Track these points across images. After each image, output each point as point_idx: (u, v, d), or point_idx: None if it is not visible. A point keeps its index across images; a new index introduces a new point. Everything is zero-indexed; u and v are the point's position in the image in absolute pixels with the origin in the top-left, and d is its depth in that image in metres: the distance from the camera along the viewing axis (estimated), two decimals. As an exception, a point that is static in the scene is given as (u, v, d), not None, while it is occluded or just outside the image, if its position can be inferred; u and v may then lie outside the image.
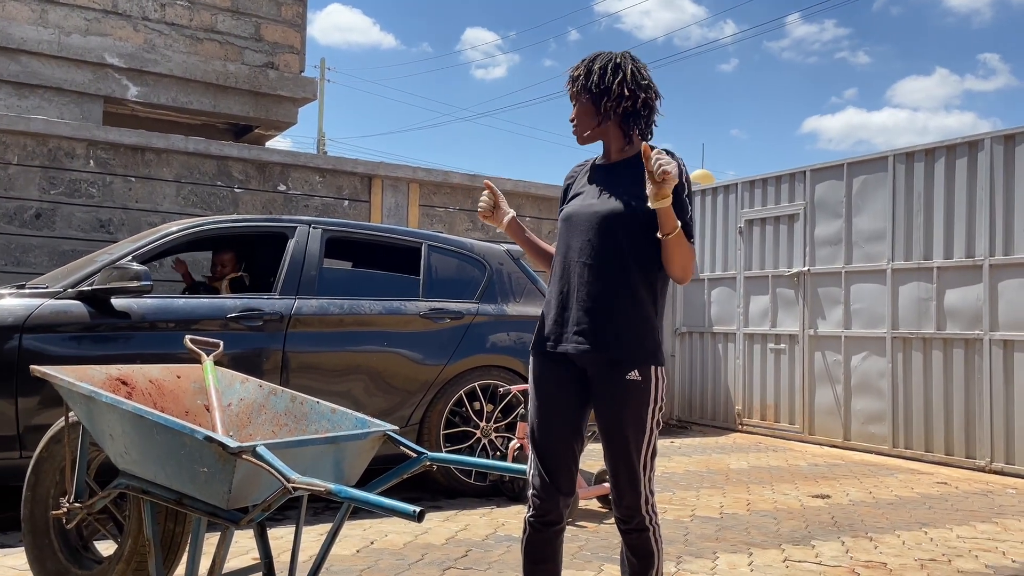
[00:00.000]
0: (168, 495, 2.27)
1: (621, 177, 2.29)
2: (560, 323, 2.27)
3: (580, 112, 2.31)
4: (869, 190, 6.95)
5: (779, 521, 4.41)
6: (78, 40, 8.10)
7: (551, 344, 2.28)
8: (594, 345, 2.20)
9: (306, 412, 2.70)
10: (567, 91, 2.36)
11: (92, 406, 2.37)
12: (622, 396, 2.19)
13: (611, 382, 2.21)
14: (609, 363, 2.21)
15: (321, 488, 1.87)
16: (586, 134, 2.33)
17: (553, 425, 2.27)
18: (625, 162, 2.32)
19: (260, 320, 4.28)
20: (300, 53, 9.45)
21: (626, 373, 2.19)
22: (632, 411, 2.19)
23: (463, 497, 4.70)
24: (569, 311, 2.25)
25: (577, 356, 2.24)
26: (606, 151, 2.37)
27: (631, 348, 2.20)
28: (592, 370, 2.25)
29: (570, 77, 2.33)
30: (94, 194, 6.27)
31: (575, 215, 2.30)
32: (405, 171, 7.69)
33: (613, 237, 2.22)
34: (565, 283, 2.27)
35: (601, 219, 2.24)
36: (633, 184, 2.25)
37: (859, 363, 6.98)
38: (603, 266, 2.22)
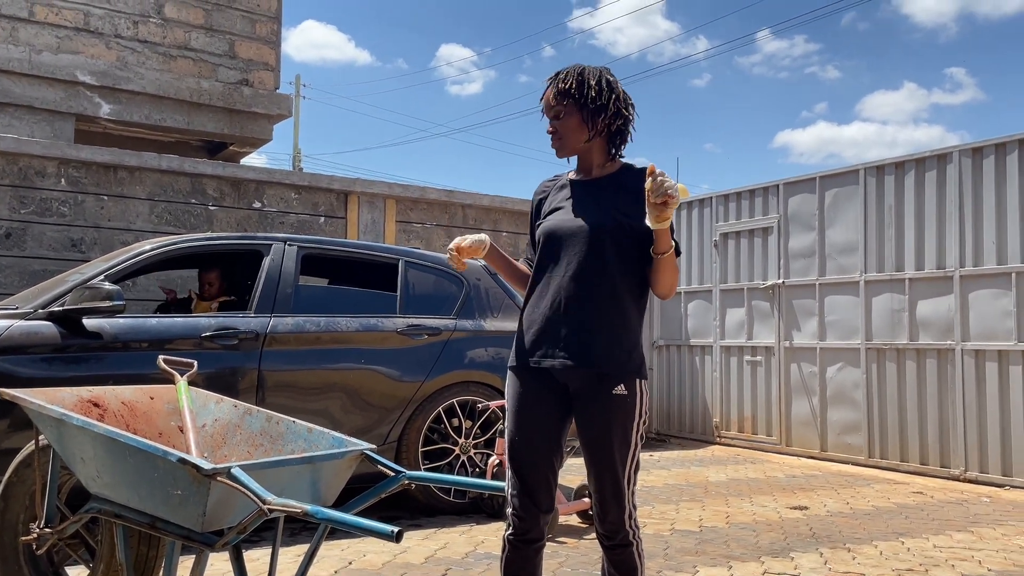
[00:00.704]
0: (141, 519, 2.23)
1: (604, 192, 2.29)
2: (545, 338, 2.24)
3: (568, 126, 2.27)
4: (841, 203, 7.04)
5: (758, 533, 4.42)
6: (49, 58, 8.02)
7: (535, 360, 2.25)
8: (582, 360, 2.20)
9: (282, 432, 2.68)
10: (550, 102, 2.29)
11: (63, 429, 2.33)
12: (609, 411, 2.18)
13: (597, 397, 2.20)
14: (595, 378, 2.20)
15: (297, 509, 1.85)
16: (572, 148, 2.30)
17: (533, 441, 2.26)
18: (608, 178, 2.32)
19: (235, 339, 4.24)
20: (275, 70, 9.42)
21: (613, 388, 2.18)
22: (618, 426, 2.19)
23: (442, 515, 4.67)
24: (556, 326, 2.23)
25: (562, 372, 2.23)
26: (586, 166, 2.35)
27: (619, 363, 2.20)
28: (576, 385, 2.24)
29: (558, 90, 2.27)
30: (65, 213, 6.19)
31: (558, 230, 2.27)
32: (381, 187, 7.68)
33: (601, 252, 2.22)
34: (550, 298, 2.25)
35: (588, 234, 2.23)
36: (617, 200, 2.26)
37: (834, 374, 7.04)
38: (591, 281, 2.22)
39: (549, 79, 2.34)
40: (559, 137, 2.30)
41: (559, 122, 2.29)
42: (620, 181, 2.30)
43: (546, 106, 2.32)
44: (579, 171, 2.39)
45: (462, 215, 8.15)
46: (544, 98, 2.33)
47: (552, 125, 2.30)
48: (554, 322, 2.23)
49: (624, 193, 2.27)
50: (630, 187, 2.27)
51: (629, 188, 2.27)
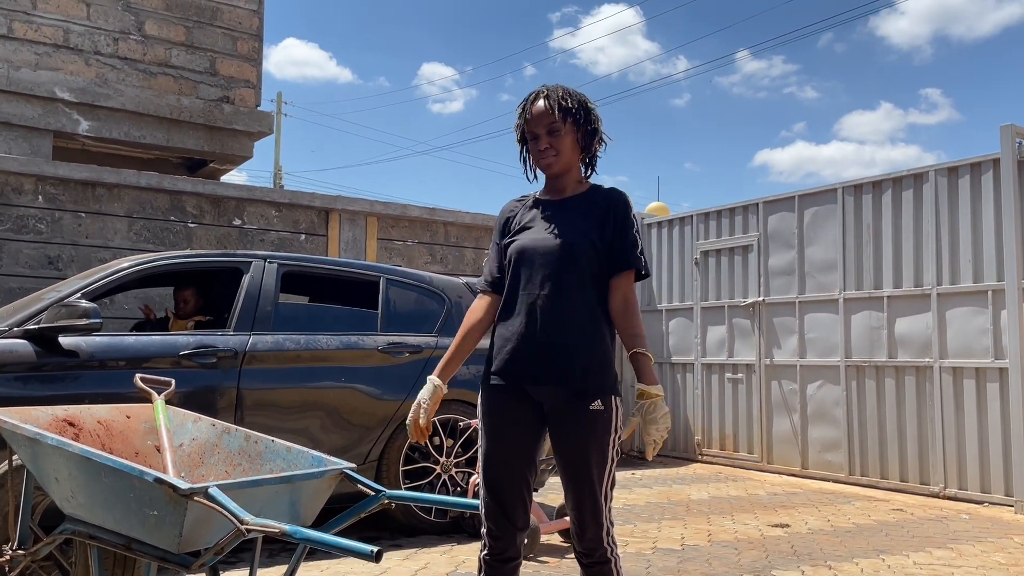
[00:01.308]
0: (116, 540, 2.20)
1: (576, 212, 2.31)
2: (521, 357, 2.24)
3: (566, 144, 2.28)
4: (820, 221, 7.11)
5: (740, 552, 4.41)
6: (28, 74, 7.96)
7: (510, 378, 2.26)
8: (559, 378, 2.20)
9: (260, 451, 2.65)
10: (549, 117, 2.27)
11: (37, 449, 2.29)
12: (586, 428, 2.19)
13: (574, 414, 2.20)
14: (572, 395, 2.20)
15: (276, 529, 1.82)
16: (565, 166, 2.31)
17: (508, 459, 2.25)
18: (578, 197, 2.34)
19: (214, 357, 4.20)
20: (256, 87, 9.41)
21: (589, 404, 2.19)
22: (596, 442, 2.19)
23: (423, 535, 4.63)
24: (531, 344, 2.23)
25: (538, 390, 2.23)
26: (560, 186, 2.36)
27: (595, 379, 2.21)
28: (552, 403, 2.24)
29: (561, 107, 2.27)
30: (42, 230, 6.13)
31: (531, 248, 2.28)
32: (363, 204, 7.67)
33: (574, 270, 2.23)
34: (524, 316, 2.25)
35: (562, 252, 2.24)
36: (589, 219, 2.28)
37: (815, 391, 7.08)
38: (565, 299, 2.23)
39: (538, 94, 2.32)
40: (556, 153, 2.29)
41: (555, 138, 2.28)
42: (591, 200, 2.33)
43: (538, 120, 2.29)
44: (549, 191, 2.39)
45: (443, 233, 8.14)
46: (534, 112, 2.30)
47: (547, 140, 2.28)
48: (529, 340, 2.24)
49: (594, 211, 2.30)
50: (599, 204, 2.30)
51: (598, 206, 2.30)
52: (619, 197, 2.33)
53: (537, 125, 2.29)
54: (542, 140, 2.29)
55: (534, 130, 2.30)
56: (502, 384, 2.27)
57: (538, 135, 2.29)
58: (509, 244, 2.35)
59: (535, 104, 2.30)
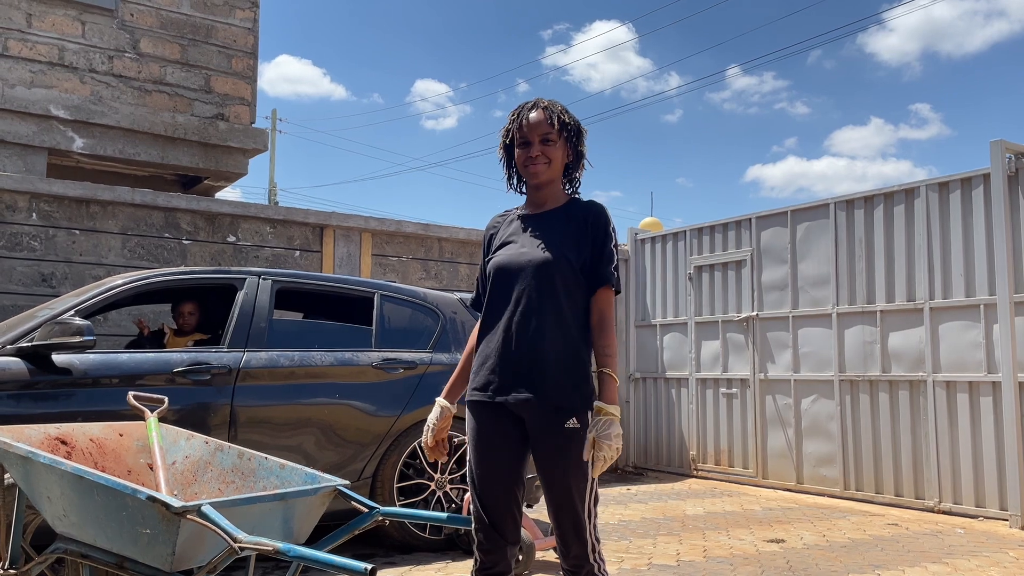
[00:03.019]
0: (108, 559, 2.19)
1: (554, 225, 2.32)
2: (498, 372, 2.25)
3: (556, 156, 2.30)
4: (813, 236, 7.14)
5: (735, 567, 4.40)
6: (22, 92, 7.98)
7: (489, 394, 2.27)
8: (534, 393, 2.21)
9: (254, 468, 2.64)
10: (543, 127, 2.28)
11: (29, 467, 2.28)
12: (563, 445, 2.19)
13: (551, 431, 2.20)
14: (549, 411, 2.21)
15: (269, 547, 1.82)
16: (552, 177, 2.32)
17: (495, 474, 2.26)
18: (557, 211, 2.35)
19: (208, 374, 4.19)
20: (251, 104, 9.43)
21: (565, 421, 2.19)
22: (574, 459, 2.18)
23: (418, 552, 4.61)
24: (508, 360, 2.24)
25: (516, 405, 2.24)
26: (541, 200, 2.37)
27: (569, 396, 2.21)
28: (531, 419, 2.24)
29: (559, 120, 2.29)
30: (36, 247, 6.12)
31: (508, 264, 2.29)
32: (357, 221, 7.68)
33: (550, 285, 2.24)
34: (502, 332, 2.26)
35: (537, 268, 2.25)
36: (566, 232, 2.29)
37: (809, 406, 7.08)
38: (541, 314, 2.24)
39: (536, 104, 2.33)
40: (546, 162, 2.30)
41: (548, 148, 2.29)
42: (568, 213, 2.34)
43: (533, 128, 2.29)
44: (529, 205, 2.41)
45: (438, 248, 8.16)
46: (531, 121, 2.30)
47: (540, 148, 2.29)
48: (506, 356, 2.25)
49: (572, 224, 2.31)
50: (577, 218, 2.32)
51: (577, 219, 2.32)
52: (597, 211, 2.34)
53: (532, 133, 2.30)
54: (534, 147, 2.29)
55: (527, 137, 2.30)
56: (483, 400, 2.28)
57: (531, 142, 2.30)
58: (489, 260, 2.38)
59: (532, 112, 2.32)
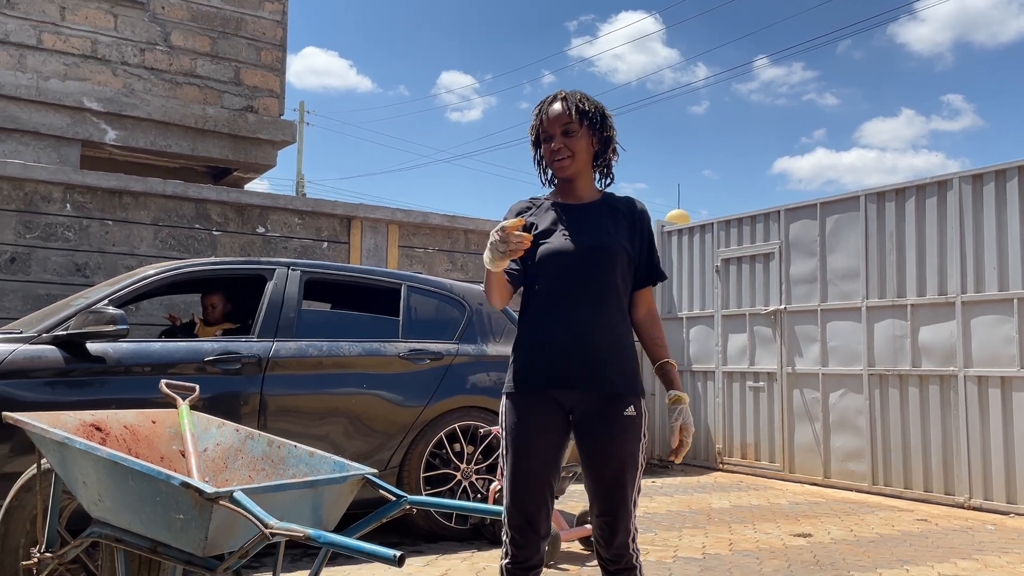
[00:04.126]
0: (142, 543, 2.23)
1: (601, 217, 2.31)
2: (552, 361, 2.23)
3: (580, 146, 2.29)
4: (842, 229, 7.06)
5: (761, 561, 4.39)
6: (56, 85, 8.10)
7: (539, 383, 2.24)
8: (597, 383, 2.20)
9: (283, 456, 2.68)
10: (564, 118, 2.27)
11: (65, 453, 2.33)
12: (620, 432, 2.19)
13: (607, 419, 2.20)
14: (606, 400, 2.20)
15: (300, 533, 1.85)
16: (577, 169, 2.31)
17: (536, 468, 2.24)
18: (598, 203, 2.34)
19: (238, 363, 4.24)
20: (279, 96, 9.50)
21: (624, 409, 2.20)
22: (628, 447, 2.20)
23: (444, 541, 4.65)
24: (569, 350, 2.22)
25: (568, 394, 2.22)
26: (575, 192, 2.35)
27: (628, 384, 2.22)
28: (583, 408, 2.23)
29: (579, 110, 2.27)
30: (70, 238, 6.23)
31: (557, 253, 2.26)
32: (384, 212, 7.72)
33: (605, 275, 2.24)
34: (560, 322, 2.24)
35: (597, 256, 2.24)
36: (615, 224, 2.29)
37: (837, 400, 7.02)
38: (597, 304, 2.23)
39: (556, 96, 2.32)
40: (569, 155, 2.28)
41: (571, 140, 2.27)
42: (611, 206, 2.34)
43: (554, 121, 2.28)
44: (565, 195, 2.37)
45: (464, 240, 8.17)
46: (551, 114, 2.29)
47: (561, 141, 2.28)
48: (562, 344, 2.23)
49: (619, 219, 2.31)
50: (623, 212, 2.33)
51: (623, 213, 2.33)
52: (642, 208, 2.38)
53: (553, 126, 2.28)
54: (556, 140, 2.28)
55: (549, 131, 2.29)
56: (530, 390, 2.25)
57: (553, 136, 2.29)
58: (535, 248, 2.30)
59: (552, 105, 2.30)
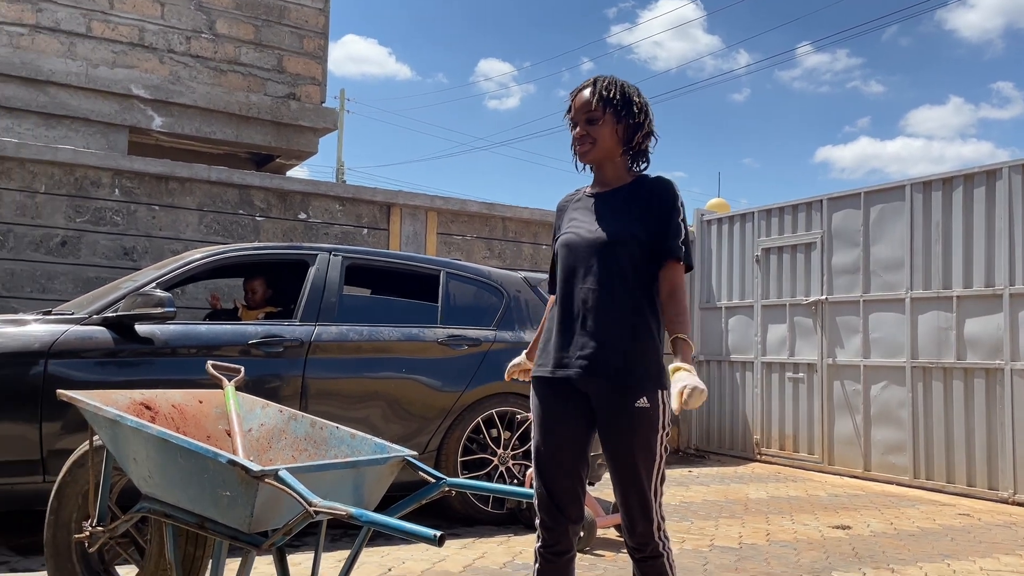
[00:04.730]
0: (190, 519, 2.29)
1: (621, 203, 2.30)
2: (564, 348, 2.25)
3: (603, 134, 2.28)
4: (887, 219, 6.94)
5: (799, 552, 4.36)
6: (105, 72, 8.27)
7: (552, 369, 2.26)
8: (601, 372, 2.20)
9: (326, 437, 2.73)
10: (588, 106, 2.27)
11: (117, 430, 2.41)
12: (631, 423, 2.17)
13: (619, 409, 2.19)
14: (616, 390, 2.19)
15: (343, 512, 1.89)
16: (599, 156, 2.30)
17: (559, 452, 2.26)
18: (624, 188, 2.33)
19: (281, 346, 4.32)
20: (321, 84, 9.59)
21: (635, 400, 2.17)
22: (641, 438, 2.18)
23: (480, 525, 4.70)
24: (574, 336, 2.23)
25: (582, 382, 2.23)
26: (605, 179, 2.35)
27: (638, 374, 2.18)
28: (597, 396, 2.23)
29: (601, 97, 2.26)
30: (119, 222, 6.37)
31: (577, 241, 2.28)
32: (423, 200, 7.76)
33: (618, 262, 2.23)
34: (570, 310, 2.25)
35: (605, 244, 2.23)
36: (633, 210, 2.27)
37: (879, 392, 6.92)
38: (609, 291, 2.22)
39: (586, 84, 2.32)
40: (591, 142, 2.28)
41: (593, 127, 2.27)
42: (635, 191, 2.31)
43: (579, 108, 2.29)
44: (597, 183, 2.39)
45: (502, 228, 8.19)
46: (577, 100, 2.31)
47: (584, 128, 2.28)
48: (573, 333, 2.24)
49: (638, 200, 2.28)
50: (643, 193, 2.29)
51: (643, 197, 2.29)
52: (663, 185, 2.29)
53: (578, 113, 2.30)
54: (580, 127, 2.30)
55: (574, 118, 2.31)
56: (548, 377, 2.28)
57: (577, 122, 2.30)
58: (557, 239, 2.38)
59: (580, 93, 2.31)
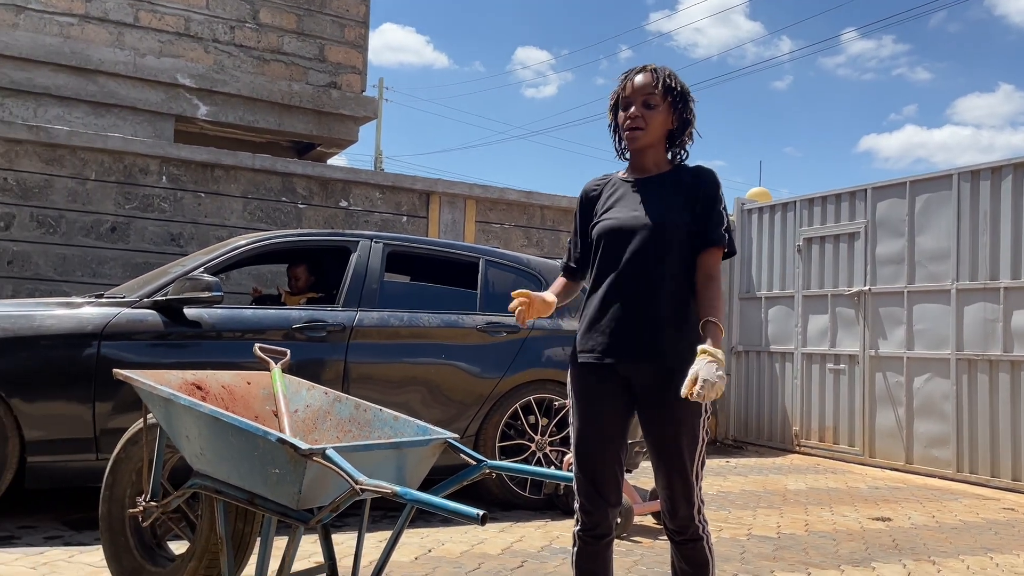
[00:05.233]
0: (240, 495, 2.36)
1: (663, 190, 2.31)
2: (610, 334, 2.24)
3: (657, 120, 2.28)
4: (933, 209, 6.82)
5: (838, 542, 4.34)
6: (152, 61, 8.44)
7: (598, 355, 2.26)
8: (652, 357, 2.22)
9: (369, 419, 2.79)
10: (648, 88, 2.26)
11: (170, 409, 2.48)
12: (676, 408, 2.18)
13: (665, 393, 2.20)
14: (663, 373, 2.20)
15: (388, 490, 1.94)
16: (649, 142, 2.30)
17: (600, 437, 2.27)
18: (664, 176, 2.34)
19: (324, 331, 4.40)
20: (362, 73, 9.68)
21: (682, 383, 2.18)
22: (687, 422, 2.20)
23: (517, 509, 4.74)
24: (623, 323, 2.24)
25: (627, 367, 2.24)
26: (644, 165, 2.35)
27: (683, 358, 2.17)
28: (642, 381, 2.24)
29: (664, 85, 2.27)
30: (166, 209, 6.52)
31: (621, 227, 2.27)
32: (462, 188, 7.81)
33: (664, 248, 2.24)
34: (616, 295, 2.25)
35: (651, 230, 2.24)
36: (677, 197, 2.28)
37: (922, 385, 6.83)
38: (660, 276, 2.23)
39: (645, 67, 2.31)
40: (645, 125, 2.27)
41: (649, 112, 2.27)
42: (676, 179, 2.32)
43: (638, 90, 2.27)
44: (634, 170, 2.38)
45: (540, 216, 8.21)
46: (636, 82, 2.28)
47: (640, 111, 2.27)
48: (618, 317, 2.24)
49: (681, 188, 2.29)
50: (686, 182, 2.30)
51: (686, 183, 2.30)
52: (707, 174, 2.31)
53: (636, 94, 2.28)
54: (635, 109, 2.27)
55: (630, 98, 2.28)
56: (591, 362, 2.27)
57: (632, 103, 2.28)
58: (596, 224, 2.35)
59: (639, 75, 2.30)
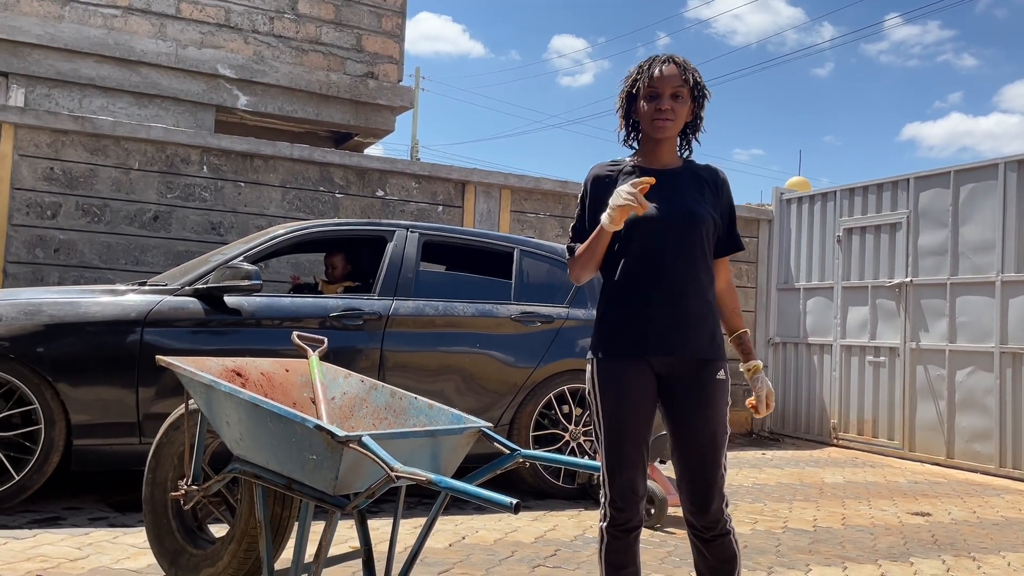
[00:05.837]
0: (278, 480, 2.41)
1: (687, 183, 2.32)
2: (642, 326, 2.23)
3: (681, 112, 2.28)
4: (977, 199, 6.68)
5: (876, 536, 4.29)
6: (193, 52, 8.56)
7: (635, 349, 2.24)
8: (686, 347, 2.22)
9: (405, 407, 2.82)
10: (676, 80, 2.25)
11: (211, 394, 2.54)
12: (712, 397, 2.22)
13: (700, 383, 2.22)
14: (699, 364, 2.23)
15: (423, 477, 1.96)
16: (674, 133, 2.31)
17: (633, 430, 2.24)
18: (684, 170, 2.35)
19: (360, 319, 4.45)
20: (398, 63, 9.71)
21: (716, 373, 2.23)
22: (719, 411, 2.24)
23: (551, 499, 4.76)
24: (658, 313, 2.22)
25: (662, 359, 2.23)
26: (659, 155, 2.33)
27: (718, 348, 2.27)
28: (676, 373, 2.23)
29: (693, 80, 2.28)
30: (207, 198, 6.62)
31: (648, 219, 2.24)
32: (497, 177, 7.82)
33: (695, 239, 2.26)
34: (648, 285, 2.24)
35: (688, 222, 2.25)
36: (700, 191, 2.31)
37: (964, 378, 6.70)
38: (688, 270, 2.24)
39: (669, 58, 2.29)
40: (674, 117, 2.27)
41: (676, 104, 2.26)
42: (696, 175, 2.35)
43: (668, 81, 2.25)
44: (649, 160, 2.35)
45: (575, 206, 8.19)
46: (666, 73, 2.26)
47: (670, 103, 2.25)
48: (657, 309, 2.23)
49: (704, 186, 2.33)
50: (706, 180, 2.35)
51: (706, 181, 2.35)
52: (724, 177, 2.40)
53: (665, 85, 2.25)
54: (664, 100, 2.24)
55: (659, 88, 2.25)
56: (624, 355, 2.24)
57: (660, 95, 2.25)
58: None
59: (666, 65, 2.27)
